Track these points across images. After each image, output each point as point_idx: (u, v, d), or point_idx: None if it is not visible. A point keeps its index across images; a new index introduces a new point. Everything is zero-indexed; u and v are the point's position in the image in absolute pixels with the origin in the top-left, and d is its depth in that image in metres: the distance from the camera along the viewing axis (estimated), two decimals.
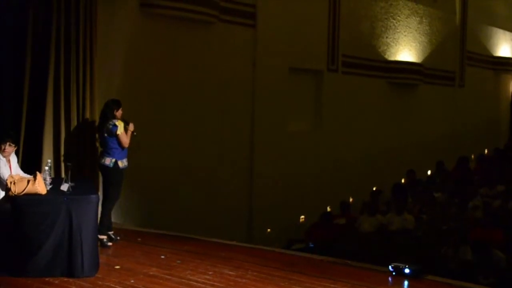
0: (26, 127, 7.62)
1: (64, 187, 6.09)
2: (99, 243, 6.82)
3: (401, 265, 6.24)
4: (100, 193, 7.27)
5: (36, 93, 7.68)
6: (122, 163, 7.32)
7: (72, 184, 6.15)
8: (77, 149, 7.89)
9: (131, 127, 7.33)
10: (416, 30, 16.08)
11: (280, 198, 11.92)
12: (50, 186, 6.19)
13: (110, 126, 7.20)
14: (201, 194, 10.47)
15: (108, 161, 7.24)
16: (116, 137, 7.19)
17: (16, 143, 6.71)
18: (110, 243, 7.21)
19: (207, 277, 5.94)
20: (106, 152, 7.29)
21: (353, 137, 13.91)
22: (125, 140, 7.25)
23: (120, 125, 7.20)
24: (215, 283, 5.74)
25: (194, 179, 10.41)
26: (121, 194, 7.54)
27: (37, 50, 7.67)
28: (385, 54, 15.13)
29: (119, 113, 7.31)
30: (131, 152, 7.56)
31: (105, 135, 7.25)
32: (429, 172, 15.29)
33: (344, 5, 13.63)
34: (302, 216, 12.48)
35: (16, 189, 5.78)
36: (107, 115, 7.29)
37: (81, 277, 5.74)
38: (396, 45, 15.41)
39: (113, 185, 7.32)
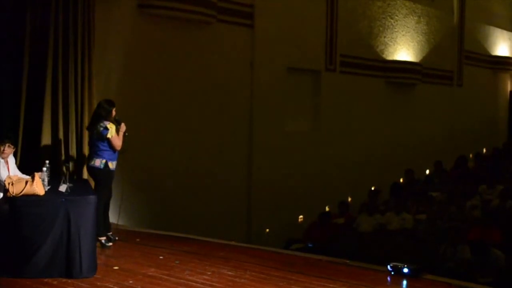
0: (24, 128, 7.62)
1: (63, 188, 6.08)
2: (98, 244, 6.81)
3: (399, 264, 6.24)
4: None
5: (34, 94, 7.68)
6: (112, 165, 7.14)
7: (71, 185, 6.13)
8: (75, 150, 7.88)
9: (122, 127, 7.12)
10: (414, 30, 16.10)
11: (279, 198, 11.92)
12: (48, 187, 6.18)
13: (101, 129, 6.99)
14: (199, 194, 10.48)
15: (98, 162, 7.06)
16: (107, 140, 7.00)
17: (15, 145, 6.70)
18: (110, 244, 7.16)
19: (206, 277, 5.93)
20: (95, 154, 7.09)
21: (351, 137, 13.92)
22: (118, 143, 7.06)
23: (111, 128, 6.99)
24: (214, 283, 5.73)
25: (193, 179, 10.42)
26: (112, 194, 7.45)
27: (35, 51, 7.67)
28: (383, 54, 15.14)
29: (113, 113, 7.15)
30: (129, 152, 7.53)
31: (95, 137, 7.07)
32: (427, 172, 15.29)
33: (342, 5, 13.65)
34: (301, 216, 12.47)
35: (14, 190, 5.77)
36: (101, 115, 7.06)
37: (79, 278, 5.73)
38: (394, 45, 15.42)
39: (104, 186, 7.14)
